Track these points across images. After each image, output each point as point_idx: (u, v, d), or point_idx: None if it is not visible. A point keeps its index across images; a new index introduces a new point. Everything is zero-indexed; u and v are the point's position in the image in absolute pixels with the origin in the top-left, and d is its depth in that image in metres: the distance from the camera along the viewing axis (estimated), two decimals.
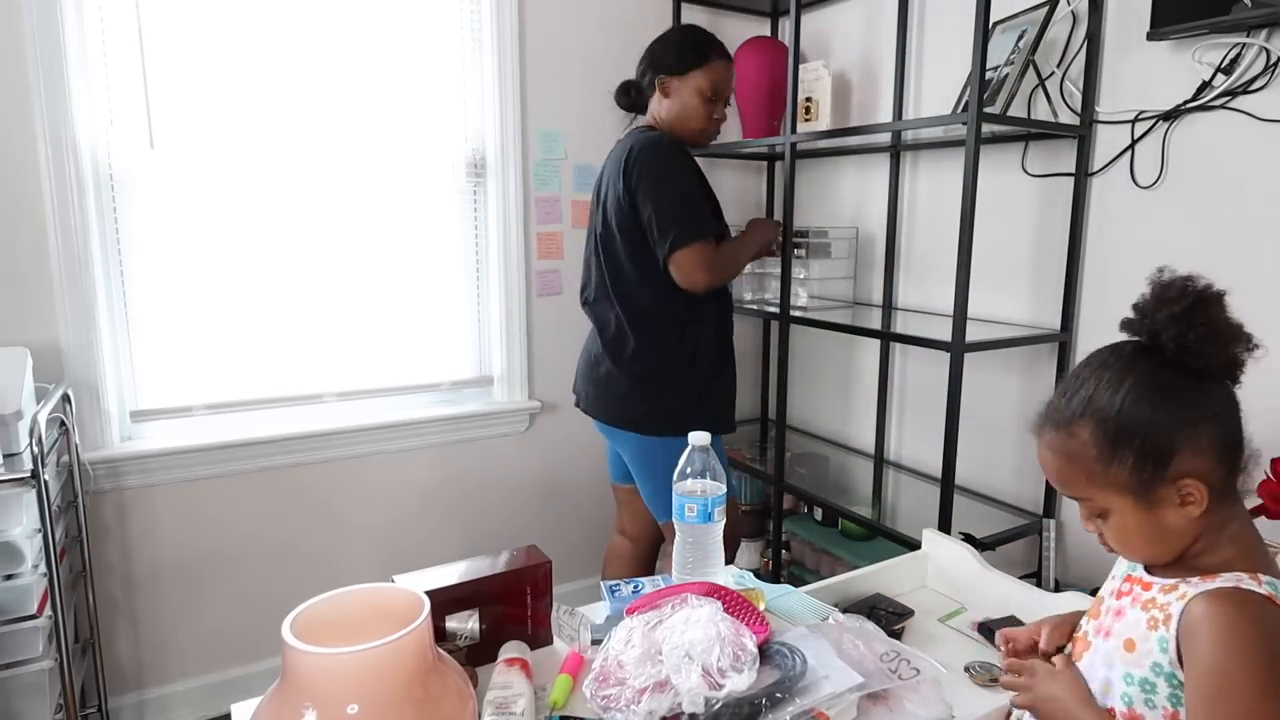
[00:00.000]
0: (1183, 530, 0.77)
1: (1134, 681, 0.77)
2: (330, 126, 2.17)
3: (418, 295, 2.38)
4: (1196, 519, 0.76)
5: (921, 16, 2.31)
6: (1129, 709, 0.78)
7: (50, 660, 1.61)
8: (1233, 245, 1.70)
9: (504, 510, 2.57)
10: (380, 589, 0.87)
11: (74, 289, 1.89)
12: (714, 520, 1.16)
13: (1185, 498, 0.75)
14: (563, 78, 2.46)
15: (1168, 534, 0.77)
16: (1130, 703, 0.78)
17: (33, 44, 1.79)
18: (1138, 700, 0.77)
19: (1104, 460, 0.77)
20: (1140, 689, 0.77)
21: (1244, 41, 1.63)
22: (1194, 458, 0.74)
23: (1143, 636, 0.77)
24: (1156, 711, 0.76)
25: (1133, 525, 0.78)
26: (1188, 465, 0.74)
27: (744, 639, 0.94)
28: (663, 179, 1.76)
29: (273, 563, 2.23)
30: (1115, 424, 0.76)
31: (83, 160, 1.87)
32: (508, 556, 1.12)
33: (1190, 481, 0.74)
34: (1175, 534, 0.77)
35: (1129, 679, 0.78)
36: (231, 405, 2.16)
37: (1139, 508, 0.77)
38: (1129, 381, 0.77)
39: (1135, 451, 0.75)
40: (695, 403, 1.87)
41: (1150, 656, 0.76)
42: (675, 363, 1.87)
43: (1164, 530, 0.77)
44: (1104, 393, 0.77)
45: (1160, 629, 0.76)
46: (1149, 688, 0.76)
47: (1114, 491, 0.77)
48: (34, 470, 1.52)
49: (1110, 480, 0.77)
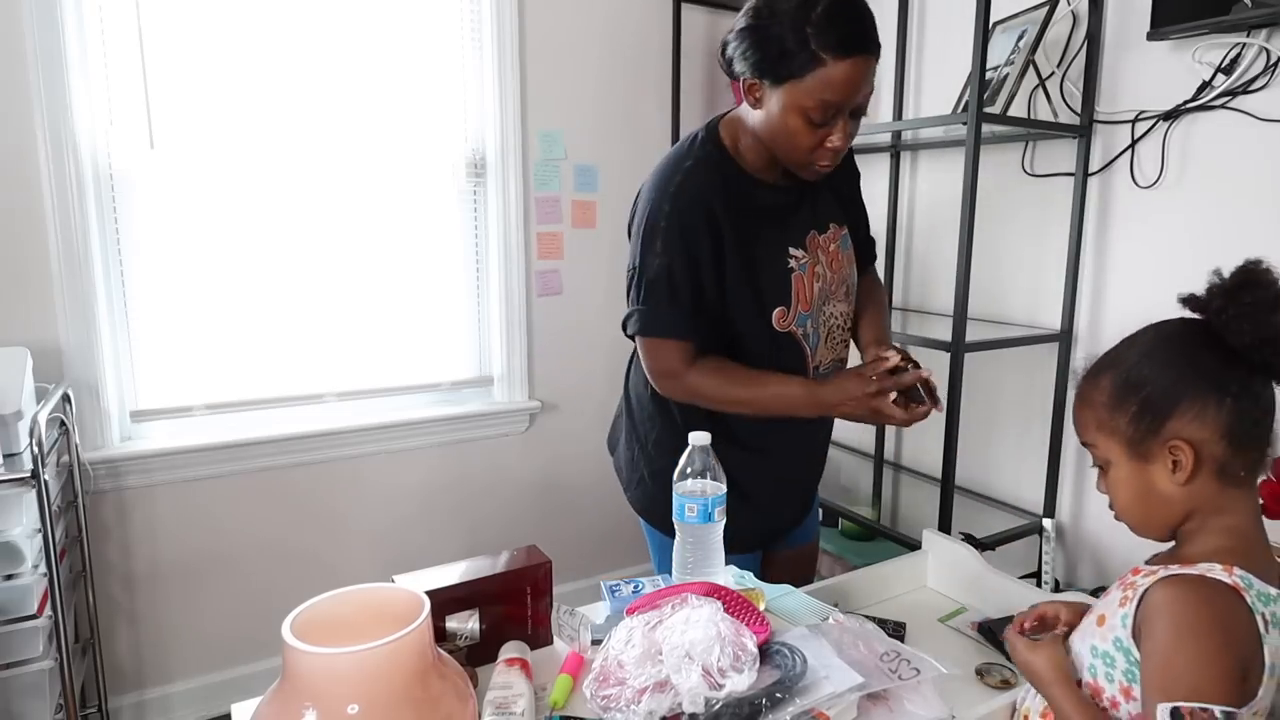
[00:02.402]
0: (1169, 498, 0.78)
1: (1097, 654, 0.79)
2: (330, 126, 2.17)
3: (418, 295, 2.38)
4: (1184, 489, 0.77)
5: (921, 16, 2.31)
6: (1093, 681, 0.80)
7: (50, 660, 1.61)
8: (1233, 245, 1.70)
9: (504, 510, 2.57)
10: (380, 589, 0.87)
11: (74, 289, 1.89)
12: (714, 520, 1.16)
13: (1175, 462, 0.76)
14: (563, 78, 2.46)
15: (1154, 497, 0.79)
16: (1095, 674, 0.80)
17: (33, 44, 1.79)
18: (1100, 673, 0.79)
19: (1111, 407, 0.80)
20: (1102, 661, 0.79)
21: (1244, 41, 1.63)
22: (1193, 424, 0.75)
23: (1112, 611, 0.79)
24: (1114, 685, 0.77)
25: (1124, 478, 0.81)
26: (1184, 429, 0.76)
27: (744, 639, 0.94)
28: (648, 229, 1.25)
29: (272, 563, 2.23)
30: (1129, 375, 0.80)
31: (83, 160, 1.87)
32: (508, 556, 1.12)
33: (1180, 444, 0.76)
34: (1161, 500, 0.79)
35: (1094, 651, 0.80)
36: (232, 405, 2.16)
37: (1132, 459, 0.79)
38: (1158, 343, 0.81)
39: (1139, 402, 0.78)
40: (638, 483, 1.46)
41: (1114, 631, 0.78)
42: (629, 426, 1.49)
43: (1151, 491, 0.79)
44: (1132, 350, 0.82)
45: (1128, 605, 0.77)
46: (1109, 661, 0.78)
47: (1115, 440, 0.80)
48: (34, 470, 1.52)
49: (1114, 428, 0.80)
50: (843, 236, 1.39)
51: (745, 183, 1.28)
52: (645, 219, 1.26)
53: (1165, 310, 0.82)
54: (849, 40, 1.11)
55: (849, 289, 1.40)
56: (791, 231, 1.31)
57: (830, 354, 1.38)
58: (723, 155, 1.28)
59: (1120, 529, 0.87)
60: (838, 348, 1.40)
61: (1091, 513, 1.99)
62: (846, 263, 1.39)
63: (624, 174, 2.61)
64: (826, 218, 1.36)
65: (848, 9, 1.12)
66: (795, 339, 1.31)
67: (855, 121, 1.20)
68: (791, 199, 1.32)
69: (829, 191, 1.38)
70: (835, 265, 1.36)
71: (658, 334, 1.28)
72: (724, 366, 1.30)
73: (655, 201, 1.26)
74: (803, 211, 1.34)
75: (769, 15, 1.14)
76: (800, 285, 1.30)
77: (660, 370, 1.31)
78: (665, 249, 1.24)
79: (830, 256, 1.35)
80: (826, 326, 1.36)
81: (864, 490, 2.41)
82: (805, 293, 1.31)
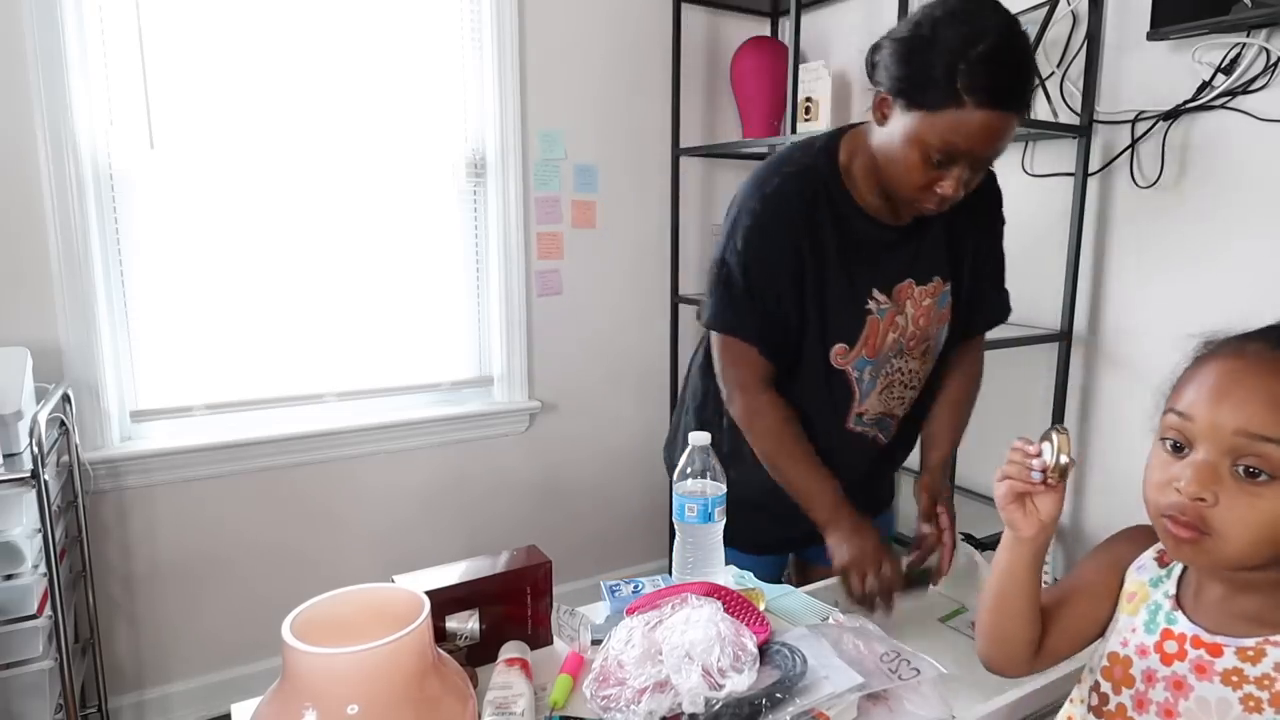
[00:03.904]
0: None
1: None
2: (330, 126, 2.17)
3: (418, 295, 2.38)
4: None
5: None
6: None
7: (50, 660, 1.61)
8: (1233, 245, 1.70)
9: (504, 510, 2.57)
10: (380, 589, 0.87)
11: (74, 289, 1.89)
12: (714, 520, 1.16)
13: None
14: (563, 78, 2.46)
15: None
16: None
17: (33, 44, 1.79)
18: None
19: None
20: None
21: (1244, 41, 1.63)
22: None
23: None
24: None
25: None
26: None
27: (744, 639, 0.94)
28: (734, 224, 1.23)
29: (272, 563, 2.23)
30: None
31: (83, 160, 1.87)
32: (508, 556, 1.12)
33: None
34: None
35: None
36: (231, 405, 2.16)
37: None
38: None
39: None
40: None
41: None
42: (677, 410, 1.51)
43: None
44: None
45: (1269, 710, 0.62)
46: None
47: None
48: (34, 470, 1.52)
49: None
50: (943, 292, 1.29)
51: (848, 207, 1.21)
52: (735, 212, 1.23)
53: (1165, 310, 0.82)
54: (998, 92, 1.02)
55: (930, 347, 1.31)
56: (883, 273, 1.23)
57: (881, 406, 1.31)
58: (832, 170, 1.21)
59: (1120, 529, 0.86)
60: (892, 403, 1.31)
61: (1091, 513, 1.99)
62: (936, 321, 1.29)
63: (624, 174, 2.61)
64: (930, 269, 1.26)
65: (1009, 58, 1.03)
66: (847, 379, 1.26)
67: (976, 175, 1.11)
68: (892, 238, 1.23)
69: (945, 240, 1.27)
70: (922, 321, 1.27)
71: (725, 329, 1.25)
72: (783, 422, 1.24)
73: (748, 197, 1.22)
74: (901, 255, 1.24)
75: (928, 37, 1.05)
76: (874, 330, 1.24)
77: (733, 377, 1.26)
78: (746, 248, 1.19)
79: (920, 311, 1.26)
80: (888, 379, 1.28)
81: None
82: (875, 340, 1.24)
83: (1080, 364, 2.00)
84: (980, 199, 1.26)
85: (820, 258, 1.20)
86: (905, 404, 1.34)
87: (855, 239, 1.21)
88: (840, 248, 1.20)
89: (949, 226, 1.25)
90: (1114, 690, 0.75)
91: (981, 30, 1.01)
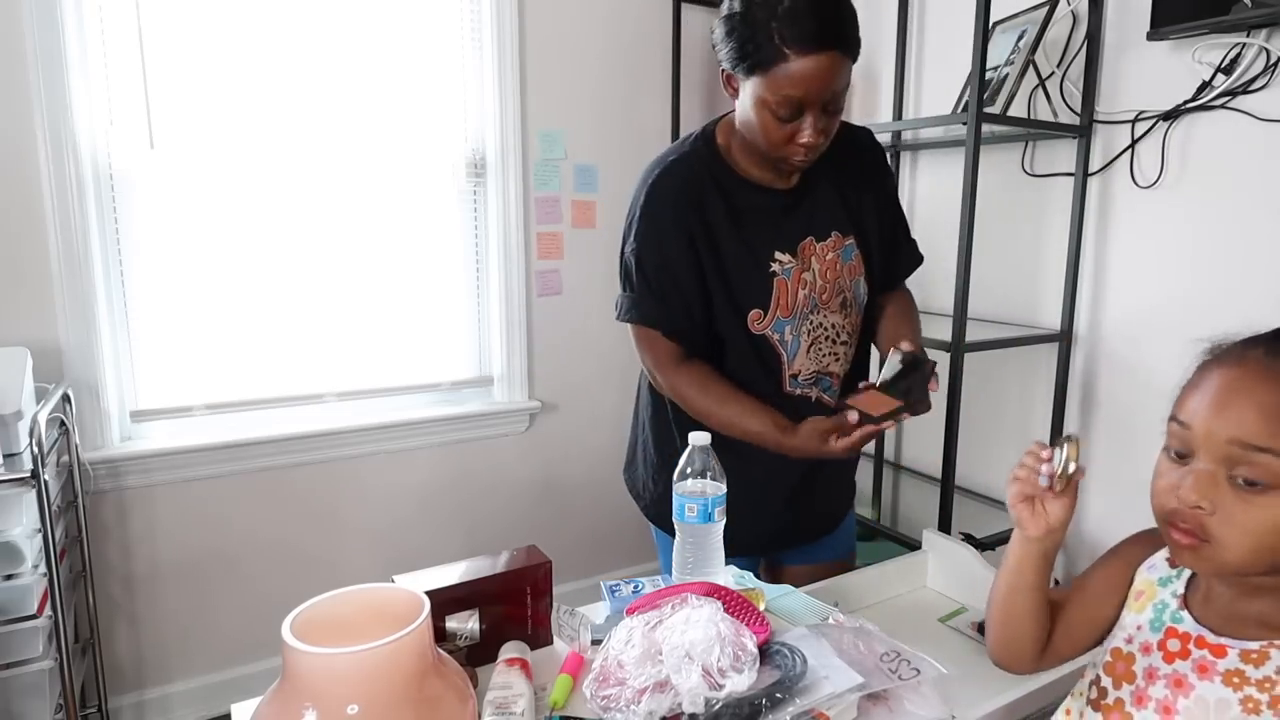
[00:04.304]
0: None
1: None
2: (330, 126, 2.17)
3: (418, 295, 2.38)
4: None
5: (921, 16, 2.31)
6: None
7: (50, 660, 1.61)
8: (1233, 245, 1.70)
9: (504, 510, 2.57)
10: (380, 589, 0.87)
11: (74, 289, 1.89)
12: (714, 520, 1.16)
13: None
14: (563, 78, 2.46)
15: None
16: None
17: (33, 44, 1.79)
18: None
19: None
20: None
21: (1244, 41, 1.63)
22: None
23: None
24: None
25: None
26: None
27: (744, 639, 0.94)
28: (629, 222, 1.30)
29: (272, 563, 2.23)
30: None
31: (83, 160, 1.87)
32: (508, 556, 1.12)
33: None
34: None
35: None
36: (232, 405, 2.16)
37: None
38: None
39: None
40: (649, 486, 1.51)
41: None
42: (633, 427, 1.53)
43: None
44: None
45: (1267, 713, 0.62)
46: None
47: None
48: (34, 470, 1.52)
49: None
50: (845, 246, 1.33)
51: (732, 182, 1.27)
52: (629, 210, 1.30)
53: (1166, 310, 0.82)
54: (812, 35, 1.08)
55: (847, 300, 1.34)
56: (782, 235, 1.28)
57: (812, 364, 1.32)
58: (712, 153, 1.28)
59: (1120, 530, 0.86)
60: (823, 359, 1.33)
61: (1091, 513, 1.99)
62: (846, 273, 1.33)
63: (624, 174, 2.61)
64: (828, 225, 1.32)
65: (818, 3, 1.09)
66: (771, 343, 1.29)
67: (830, 117, 1.16)
68: (784, 202, 1.29)
69: (838, 198, 1.32)
70: (830, 274, 1.31)
71: (635, 320, 1.30)
72: (706, 377, 1.29)
73: (638, 192, 1.29)
74: (797, 216, 1.30)
75: (744, 6, 1.12)
76: (782, 290, 1.28)
77: (649, 361, 1.33)
78: (640, 240, 1.26)
79: (825, 265, 1.31)
80: (811, 336, 1.31)
81: (864, 490, 2.41)
82: (786, 298, 1.28)
83: (1081, 364, 2.00)
84: (859, 155, 1.35)
85: (712, 233, 1.26)
86: (841, 360, 1.36)
87: (747, 209, 1.27)
88: (732, 219, 1.26)
89: (837, 185, 1.31)
90: (1114, 685, 0.75)
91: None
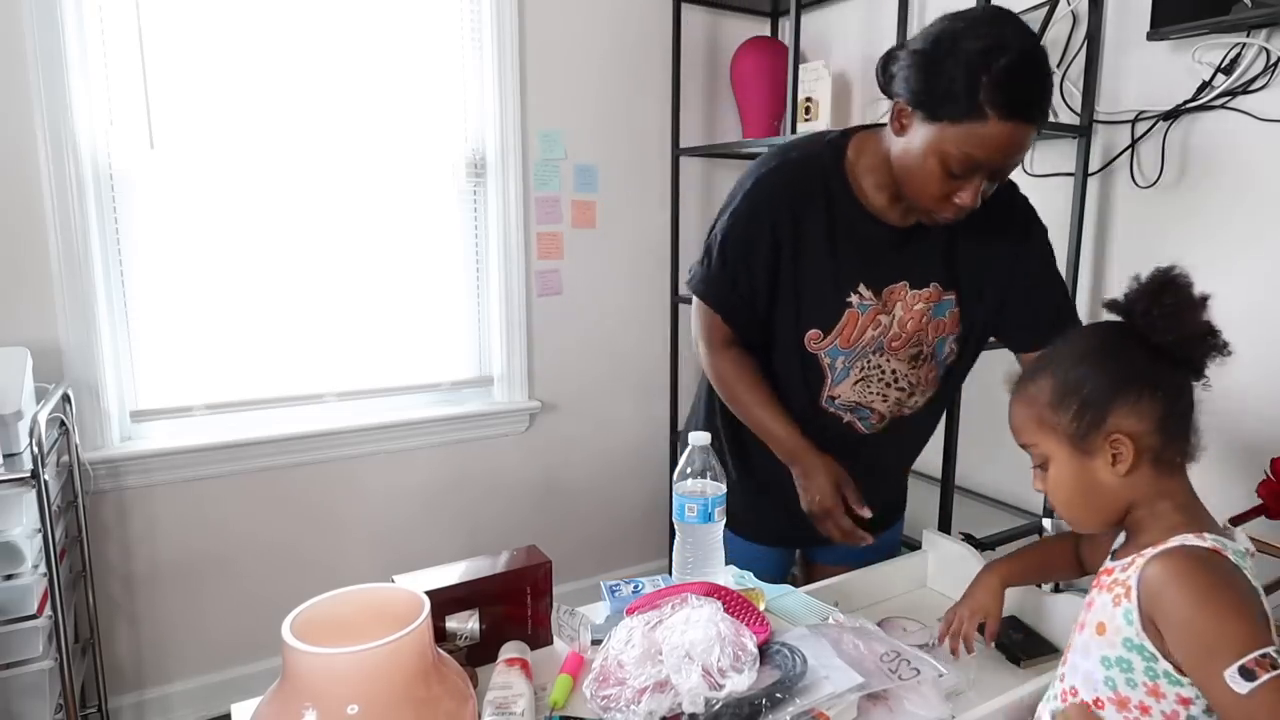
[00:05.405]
0: (1112, 490, 0.82)
1: (1111, 664, 0.79)
2: (330, 126, 2.17)
3: (418, 295, 2.38)
4: (1124, 480, 0.81)
5: (921, 17, 2.30)
6: (1115, 693, 0.79)
7: (50, 660, 1.61)
8: (1233, 245, 1.70)
9: (504, 510, 2.57)
10: (380, 589, 0.87)
11: (74, 289, 1.89)
12: (714, 520, 1.16)
13: (1115, 455, 0.80)
14: (563, 78, 2.46)
15: (1097, 489, 0.83)
16: (1114, 686, 0.78)
17: (33, 44, 1.79)
18: (1120, 682, 0.78)
19: (1052, 407, 0.84)
20: (1119, 669, 0.78)
21: (1244, 41, 1.63)
22: (1129, 418, 0.80)
23: (1110, 616, 0.79)
24: (1138, 689, 0.77)
25: (1067, 475, 0.84)
26: (1123, 423, 0.80)
27: (744, 639, 0.94)
28: (730, 200, 1.27)
29: (272, 563, 2.23)
30: (1069, 375, 0.84)
31: (83, 160, 1.87)
32: (508, 556, 1.12)
33: (1120, 437, 0.80)
34: (1104, 491, 0.82)
35: (1106, 662, 0.79)
36: (232, 405, 2.16)
37: (1074, 455, 0.83)
38: (1093, 344, 0.87)
39: (1080, 400, 0.82)
40: None
41: (1120, 633, 0.78)
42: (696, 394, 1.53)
43: (1094, 484, 0.82)
44: (1068, 352, 0.87)
45: (1124, 602, 0.78)
46: (1125, 666, 0.78)
47: (1056, 438, 0.84)
48: (34, 470, 1.52)
49: (1055, 426, 0.84)
50: (943, 302, 1.26)
51: (844, 200, 1.21)
52: (736, 187, 1.26)
53: None
54: (1019, 105, 1.03)
55: (923, 354, 1.28)
56: (873, 271, 1.23)
57: (856, 395, 1.28)
58: (836, 163, 1.22)
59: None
60: (869, 395, 1.29)
61: None
62: (932, 330, 1.27)
63: (624, 174, 2.61)
64: (927, 275, 1.25)
65: (1030, 71, 1.04)
66: (819, 363, 1.26)
67: (993, 185, 1.12)
68: (890, 238, 1.22)
69: (951, 250, 1.25)
70: (911, 325, 1.26)
71: (698, 293, 1.30)
72: (745, 366, 1.29)
73: (749, 175, 1.25)
74: (898, 257, 1.23)
75: (948, 49, 1.04)
76: (851, 322, 1.23)
77: (701, 333, 1.32)
78: (731, 221, 1.24)
79: (910, 314, 1.25)
80: (864, 373, 1.27)
81: None
82: (851, 331, 1.24)
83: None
84: (1002, 213, 1.24)
85: (801, 244, 1.22)
86: (890, 403, 1.31)
87: (849, 232, 1.22)
88: (829, 238, 1.21)
89: (955, 238, 1.23)
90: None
91: (1004, 43, 1.02)
